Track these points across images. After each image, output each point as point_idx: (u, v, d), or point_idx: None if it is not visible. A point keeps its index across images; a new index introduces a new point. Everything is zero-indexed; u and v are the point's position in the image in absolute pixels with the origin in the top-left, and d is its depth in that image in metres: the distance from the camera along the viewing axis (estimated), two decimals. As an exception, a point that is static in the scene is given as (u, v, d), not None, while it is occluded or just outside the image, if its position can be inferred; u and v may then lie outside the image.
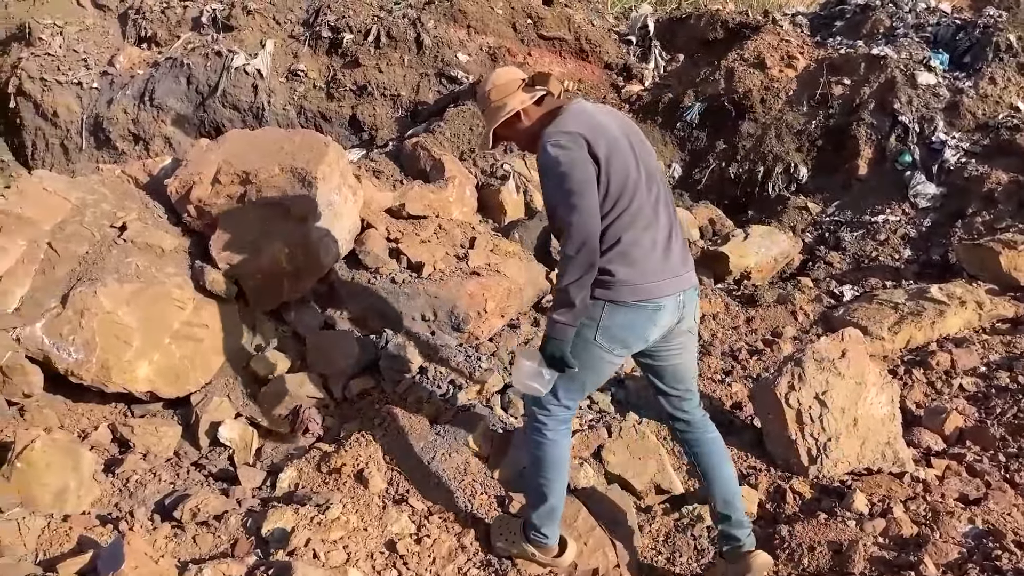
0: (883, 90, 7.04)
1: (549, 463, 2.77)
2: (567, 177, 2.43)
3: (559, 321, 2.45)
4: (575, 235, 2.40)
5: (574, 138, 2.47)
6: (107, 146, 7.72)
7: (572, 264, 2.41)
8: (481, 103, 2.80)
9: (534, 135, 2.66)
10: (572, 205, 2.41)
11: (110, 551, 2.59)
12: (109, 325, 3.48)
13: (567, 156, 2.45)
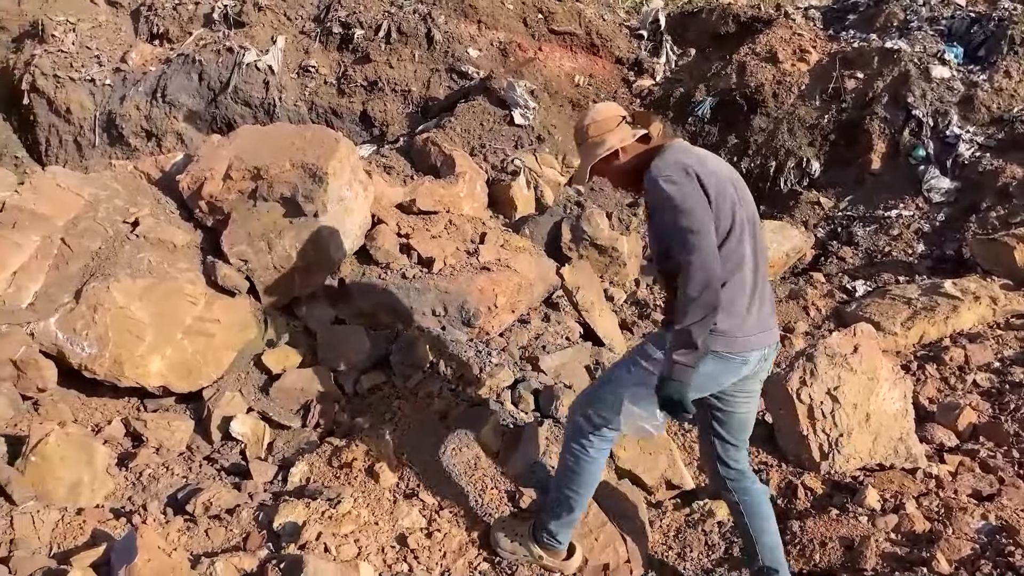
0: (897, 84, 6.99)
1: (584, 478, 2.71)
2: (686, 214, 2.32)
3: (680, 363, 2.29)
4: (696, 275, 2.27)
5: (687, 173, 2.39)
6: (120, 143, 7.76)
7: (695, 305, 2.26)
8: (578, 137, 2.72)
9: (632, 173, 2.60)
10: (692, 244, 2.30)
11: (123, 544, 2.61)
12: (122, 320, 3.50)
13: (683, 191, 2.35)
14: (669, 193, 2.36)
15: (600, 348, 4.40)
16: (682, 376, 2.29)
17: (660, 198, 2.39)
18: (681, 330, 2.28)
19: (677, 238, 2.33)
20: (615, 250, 5.43)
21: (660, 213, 2.41)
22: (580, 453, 2.68)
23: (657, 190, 2.39)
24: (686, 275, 2.29)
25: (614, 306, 5.08)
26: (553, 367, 4.04)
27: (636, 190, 2.70)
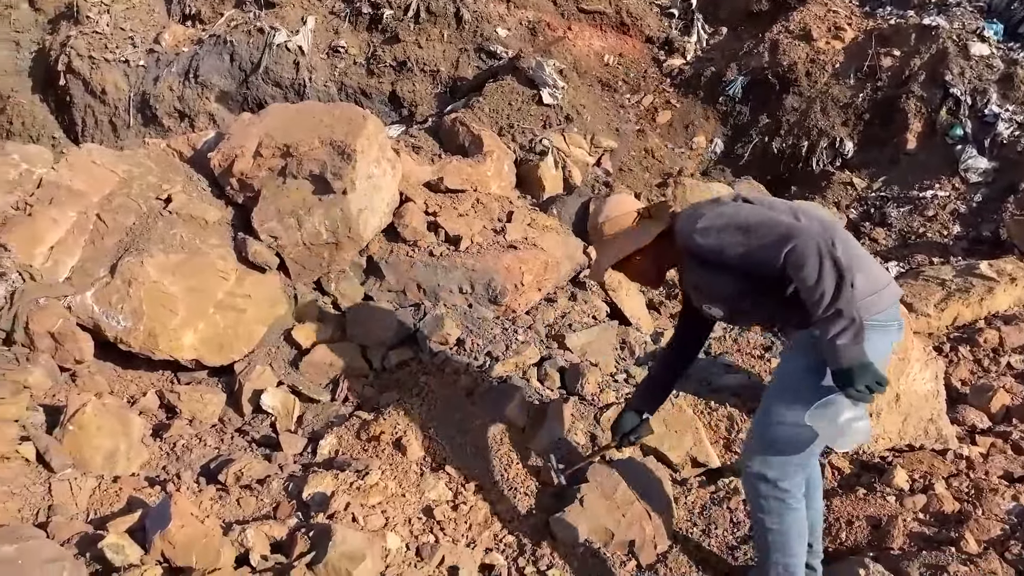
0: (934, 61, 6.84)
1: (798, 535, 2.41)
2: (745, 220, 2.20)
3: (847, 344, 2.07)
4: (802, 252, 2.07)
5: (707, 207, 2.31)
6: (154, 123, 7.88)
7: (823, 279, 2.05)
8: (592, 233, 2.66)
9: (653, 270, 2.57)
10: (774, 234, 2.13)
11: (158, 511, 2.68)
12: (155, 294, 3.57)
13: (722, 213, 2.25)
14: (717, 225, 2.23)
15: (627, 327, 4.39)
16: (857, 356, 2.07)
17: (709, 241, 2.24)
18: (827, 313, 2.07)
19: (760, 248, 2.15)
20: (643, 230, 5.39)
21: (719, 252, 2.24)
22: (781, 509, 2.39)
23: (702, 236, 2.25)
24: (795, 263, 2.09)
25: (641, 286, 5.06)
26: (579, 345, 4.05)
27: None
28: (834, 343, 2.07)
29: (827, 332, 2.08)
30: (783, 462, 2.34)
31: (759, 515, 2.43)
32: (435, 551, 2.79)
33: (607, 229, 2.55)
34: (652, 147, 7.13)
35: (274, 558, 2.62)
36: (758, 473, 2.38)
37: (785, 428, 2.31)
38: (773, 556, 2.42)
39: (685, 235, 2.31)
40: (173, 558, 2.53)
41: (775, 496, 2.36)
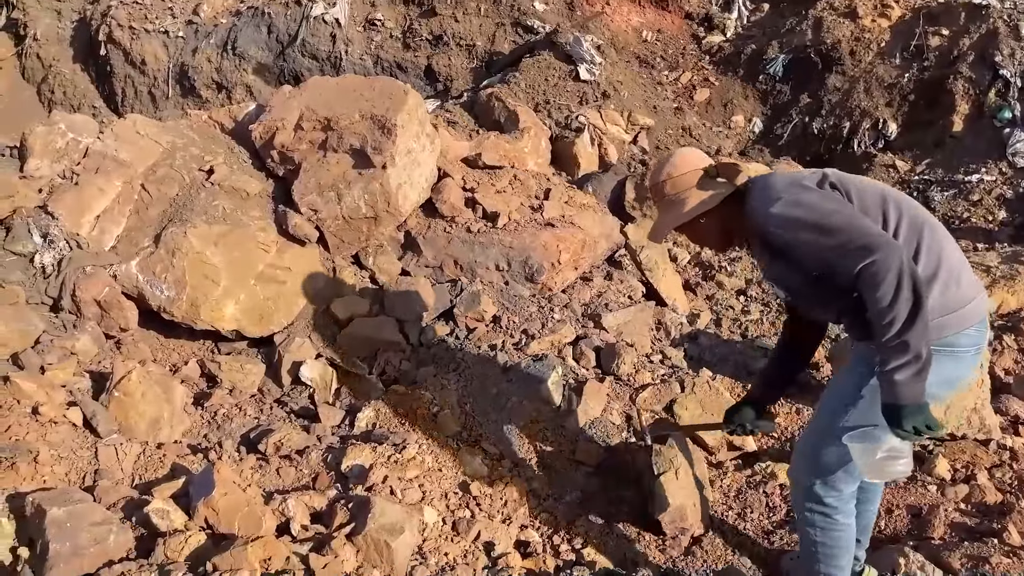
0: (984, 41, 6.64)
1: (843, 549, 2.33)
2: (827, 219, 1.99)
3: (904, 382, 1.91)
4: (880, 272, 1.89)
5: (793, 193, 2.08)
6: (192, 94, 7.92)
7: (895, 308, 1.88)
8: (653, 192, 2.42)
9: (719, 234, 2.37)
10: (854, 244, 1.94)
11: (202, 478, 2.73)
12: (198, 265, 3.61)
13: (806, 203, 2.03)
14: (791, 220, 2.03)
15: (663, 308, 4.36)
16: (914, 397, 1.91)
17: (789, 233, 2.05)
18: (893, 345, 1.90)
19: (834, 253, 1.97)
20: (680, 210, 5.34)
21: (789, 248, 2.07)
22: (831, 526, 2.30)
23: (777, 227, 2.06)
24: (869, 282, 1.91)
25: (677, 266, 5.02)
26: (615, 325, 4.03)
27: (723, 248, 2.48)
28: (892, 377, 1.92)
29: (888, 362, 1.93)
30: (831, 479, 2.25)
31: (805, 527, 2.37)
32: (471, 526, 2.82)
33: (669, 189, 2.33)
34: (690, 125, 7.03)
35: (314, 528, 2.67)
36: (804, 487, 2.31)
37: (832, 447, 2.21)
38: (817, 566, 2.36)
39: (757, 216, 2.12)
40: (216, 524, 2.59)
41: (820, 512, 2.30)
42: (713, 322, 4.34)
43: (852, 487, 2.29)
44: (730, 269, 4.94)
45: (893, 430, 1.96)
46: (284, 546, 2.50)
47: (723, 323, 4.31)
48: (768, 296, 4.57)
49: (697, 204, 2.28)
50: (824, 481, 2.26)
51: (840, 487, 2.26)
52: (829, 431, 2.21)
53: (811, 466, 2.29)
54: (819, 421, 2.32)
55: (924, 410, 1.92)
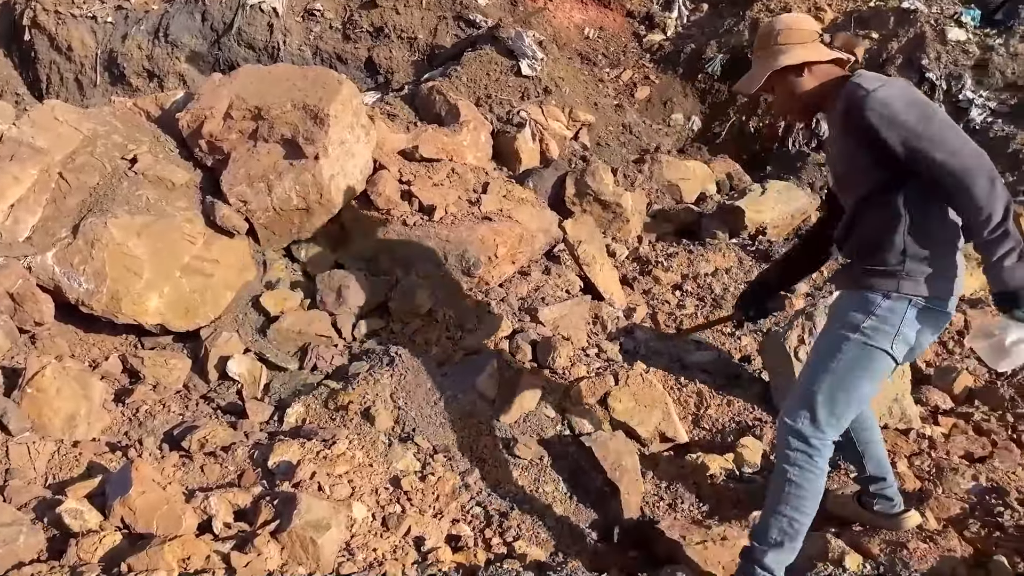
0: (912, 45, 6.86)
1: (813, 496, 2.37)
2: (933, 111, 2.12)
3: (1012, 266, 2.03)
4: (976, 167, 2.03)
5: (892, 82, 2.18)
6: (121, 82, 7.67)
7: (993, 198, 2.02)
8: (761, 40, 2.41)
9: (810, 98, 2.37)
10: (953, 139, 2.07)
11: (119, 476, 2.64)
12: (119, 256, 3.49)
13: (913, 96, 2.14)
14: (898, 100, 2.11)
15: (600, 302, 4.38)
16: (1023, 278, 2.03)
17: (890, 108, 2.10)
18: (996, 236, 2.02)
19: (934, 138, 2.06)
20: (619, 206, 5.38)
21: (894, 124, 2.11)
22: (809, 469, 2.35)
23: (880, 103, 2.11)
24: (966, 175, 2.03)
25: (615, 261, 5.04)
26: (552, 319, 4.03)
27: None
28: (1001, 264, 2.03)
29: (993, 253, 2.04)
30: (819, 419, 2.32)
31: (783, 465, 2.40)
32: (401, 521, 2.78)
33: (781, 39, 2.33)
34: (630, 123, 7.08)
35: (237, 526, 2.60)
36: (793, 427, 2.36)
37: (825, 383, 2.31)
38: (782, 507, 2.38)
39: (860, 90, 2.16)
40: (133, 524, 2.51)
41: (803, 451, 2.34)
42: (649, 316, 4.38)
43: (835, 433, 2.36)
44: (666, 264, 4.99)
45: (1014, 315, 2.06)
46: (204, 545, 2.43)
47: (659, 317, 4.35)
48: (703, 291, 4.63)
49: (812, 54, 2.30)
50: (813, 419, 2.33)
51: (826, 429, 2.33)
52: (822, 368, 2.33)
53: (802, 403, 2.36)
54: (812, 363, 2.42)
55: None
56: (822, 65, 2.33)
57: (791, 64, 2.31)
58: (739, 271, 4.99)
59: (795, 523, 2.37)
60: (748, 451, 3.29)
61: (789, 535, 2.37)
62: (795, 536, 2.38)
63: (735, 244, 5.43)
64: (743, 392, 3.66)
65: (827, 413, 2.32)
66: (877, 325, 2.26)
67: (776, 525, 2.38)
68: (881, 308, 2.26)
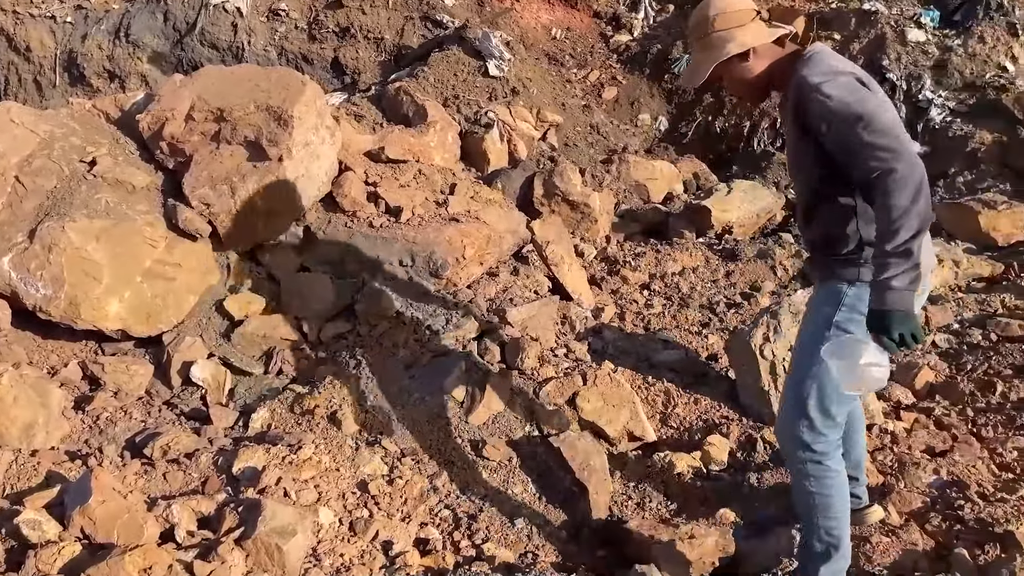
0: (873, 46, 6.97)
1: (840, 497, 2.34)
2: (872, 117, 1.99)
3: (901, 288, 1.96)
4: (904, 180, 1.94)
5: (849, 78, 2.07)
6: (81, 83, 7.53)
7: (909, 216, 1.93)
8: (697, 29, 2.27)
9: (760, 82, 2.27)
10: (892, 147, 1.97)
11: (78, 485, 2.59)
12: (78, 261, 3.42)
13: (857, 94, 2.04)
14: (841, 99, 2.02)
15: (568, 302, 4.39)
16: (906, 304, 1.97)
17: (831, 108, 2.03)
18: (896, 250, 1.95)
19: (867, 148, 1.99)
20: (587, 206, 5.40)
21: (833, 124, 2.04)
22: (824, 474, 2.32)
23: (824, 100, 2.04)
24: (891, 185, 1.95)
25: (584, 262, 5.06)
26: (520, 320, 4.02)
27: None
28: (890, 283, 1.97)
29: (886, 270, 1.98)
30: (816, 424, 2.28)
31: (799, 480, 2.37)
32: (369, 525, 2.76)
33: (718, 24, 2.20)
34: (598, 123, 7.11)
35: (201, 534, 2.56)
36: (795, 440, 2.33)
37: (813, 387, 2.27)
38: (815, 519, 2.36)
39: (809, 79, 2.09)
40: (93, 534, 2.46)
41: (812, 460, 2.31)
42: (617, 316, 4.39)
43: (836, 433, 2.32)
44: (634, 264, 5.02)
45: (879, 338, 2.01)
46: (167, 554, 2.39)
47: (627, 317, 4.37)
48: (671, 290, 4.67)
49: (750, 38, 2.18)
50: (811, 426, 2.28)
51: (825, 431, 2.29)
52: (808, 372, 2.28)
53: (796, 412, 2.32)
54: (796, 367, 2.37)
55: (914, 318, 1.99)
56: (765, 46, 2.23)
57: (736, 53, 2.21)
58: (706, 270, 5.04)
59: (832, 531, 2.35)
60: (715, 449, 3.31)
61: (832, 544, 2.35)
62: (839, 543, 2.36)
63: (702, 243, 5.48)
64: (710, 390, 3.69)
65: (822, 416, 2.28)
66: (849, 315, 2.21)
67: (816, 540, 2.37)
68: (849, 297, 2.22)
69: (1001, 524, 2.69)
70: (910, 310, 1.99)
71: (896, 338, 1.99)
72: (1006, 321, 4.13)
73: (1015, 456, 3.16)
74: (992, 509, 2.80)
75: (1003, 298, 4.49)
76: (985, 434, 3.35)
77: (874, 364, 2.03)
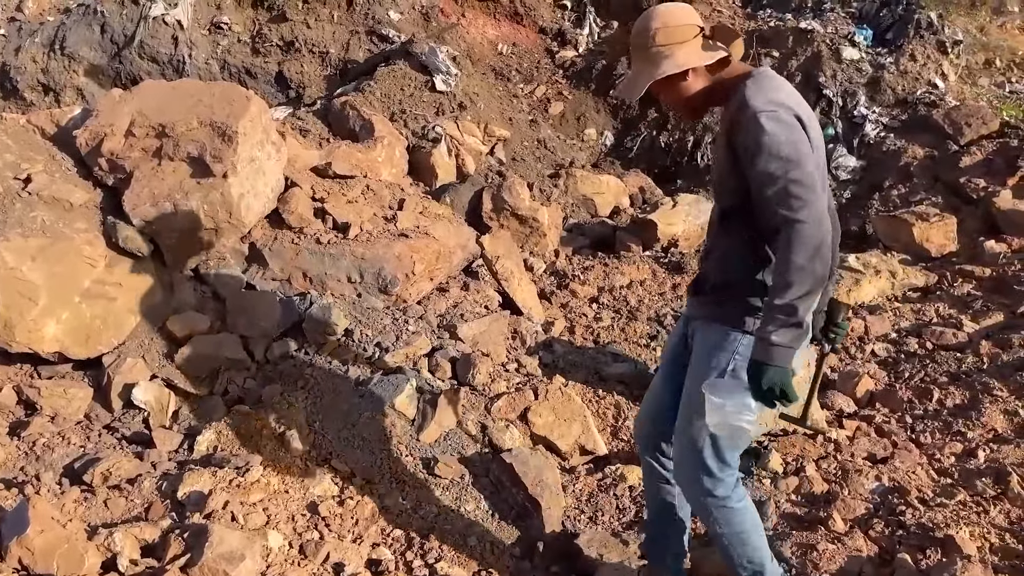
0: (810, 63, 7.19)
1: (752, 527, 2.32)
2: (794, 166, 1.95)
3: (781, 344, 1.94)
4: (807, 239, 1.91)
5: (789, 114, 2.02)
6: (14, 96, 7.29)
7: (803, 275, 1.91)
8: (638, 39, 2.19)
9: (699, 101, 2.22)
10: (804, 201, 1.93)
11: (15, 515, 2.49)
12: (12, 282, 3.30)
13: (789, 137, 1.98)
14: (774, 134, 1.97)
15: (519, 317, 4.40)
16: (784, 360, 1.95)
17: (762, 141, 1.98)
18: (784, 305, 1.93)
19: (781, 192, 1.95)
20: (536, 220, 5.44)
21: (757, 155, 1.99)
22: (730, 514, 2.28)
23: (757, 128, 1.99)
24: (793, 239, 1.92)
25: (533, 276, 5.09)
26: (471, 335, 4.02)
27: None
28: (771, 336, 1.95)
29: (769, 323, 1.96)
30: (712, 469, 2.23)
31: (707, 522, 2.36)
32: (320, 548, 2.72)
33: (659, 39, 2.13)
34: (544, 138, 7.17)
35: (145, 562, 2.49)
36: (698, 490, 2.29)
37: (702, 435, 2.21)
38: (735, 554, 2.34)
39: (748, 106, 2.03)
40: (32, 565, 2.38)
41: (718, 505, 2.27)
42: (567, 329, 4.42)
43: (732, 470, 2.27)
44: (583, 278, 5.06)
45: (752, 388, 2.00)
46: (109, 584, 2.32)
47: (576, 330, 4.40)
48: (619, 303, 4.71)
49: (688, 59, 2.12)
50: (709, 474, 2.24)
51: (723, 476, 2.25)
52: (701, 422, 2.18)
53: (692, 461, 2.26)
54: (690, 411, 2.27)
55: (788, 376, 1.97)
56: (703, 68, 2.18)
57: (674, 72, 2.14)
58: (653, 283, 5.11)
59: (753, 558, 2.34)
60: (666, 461, 3.34)
61: (757, 570, 2.35)
62: (762, 567, 2.35)
63: (648, 256, 5.56)
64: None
65: (719, 463, 2.23)
66: (743, 364, 2.10)
67: (741, 569, 2.35)
68: (743, 345, 2.14)
69: (941, 528, 2.78)
70: (786, 367, 1.96)
71: (766, 389, 1.98)
72: (940, 330, 4.28)
73: (952, 462, 3.27)
74: (932, 514, 2.88)
75: (937, 307, 4.65)
76: (923, 440, 3.46)
77: (742, 411, 2.03)
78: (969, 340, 4.17)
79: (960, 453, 3.32)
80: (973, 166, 5.99)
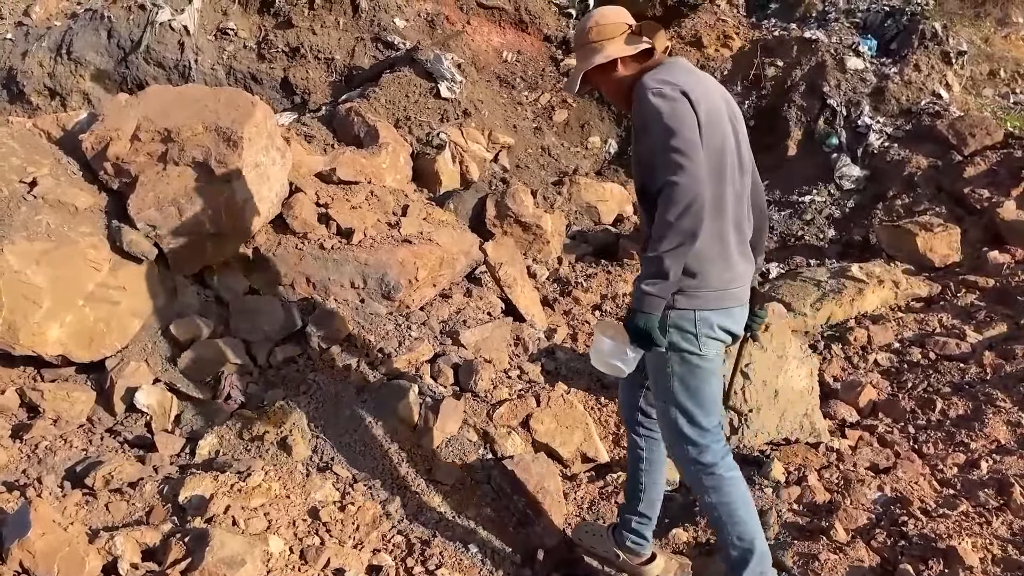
0: (814, 73, 7.20)
1: (742, 501, 2.42)
2: (673, 133, 2.13)
3: (649, 293, 2.14)
4: (679, 198, 2.08)
5: (675, 90, 2.20)
6: (21, 100, 7.31)
7: (672, 231, 2.09)
8: (578, 38, 2.49)
9: (627, 88, 2.41)
10: (677, 163, 2.10)
11: (16, 518, 2.49)
12: (16, 284, 3.31)
13: (672, 108, 2.17)
14: (657, 107, 2.17)
15: (521, 324, 4.40)
16: (651, 307, 2.16)
17: (647, 113, 2.20)
18: (653, 257, 2.13)
19: (661, 157, 2.14)
20: (539, 227, 5.44)
21: (645, 130, 2.22)
22: (715, 482, 2.40)
23: (645, 104, 2.21)
24: (667, 197, 2.10)
25: (536, 283, 5.09)
26: (473, 342, 4.02)
27: (629, 107, 2.49)
28: (641, 285, 2.16)
29: (642, 272, 2.18)
30: (695, 439, 2.38)
31: (700, 496, 2.47)
32: (320, 553, 2.71)
33: (592, 35, 2.43)
34: (548, 145, 7.19)
35: (145, 566, 2.49)
36: (683, 459, 2.44)
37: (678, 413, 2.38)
38: (725, 528, 2.42)
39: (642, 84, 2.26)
40: (33, 568, 2.37)
41: (704, 472, 2.40)
42: (569, 336, 4.42)
43: (717, 439, 2.42)
44: (586, 285, 5.06)
45: (629, 332, 2.20)
46: (109, 588, 2.32)
47: (579, 337, 4.40)
48: (622, 311, 4.71)
49: (615, 50, 2.39)
50: (692, 443, 2.39)
51: (704, 442, 2.39)
52: (667, 395, 2.39)
53: (674, 436, 2.44)
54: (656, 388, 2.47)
55: (652, 322, 2.16)
56: (633, 57, 2.41)
57: (602, 62, 2.41)
58: (656, 291, 5.09)
59: (743, 536, 2.40)
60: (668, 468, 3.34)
61: (747, 548, 2.40)
62: (752, 545, 2.40)
63: (652, 264, 5.56)
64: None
65: (696, 430, 2.39)
66: (681, 335, 2.31)
67: (731, 548, 2.42)
68: (671, 318, 2.30)
69: (944, 539, 2.77)
70: (653, 314, 2.16)
71: (640, 335, 2.18)
72: (944, 340, 4.28)
73: (955, 472, 3.26)
74: (935, 525, 2.88)
75: (941, 318, 4.65)
76: (926, 451, 3.45)
77: (614, 352, 2.26)
78: (972, 351, 4.17)
79: (963, 464, 3.31)
80: (977, 176, 6.00)
